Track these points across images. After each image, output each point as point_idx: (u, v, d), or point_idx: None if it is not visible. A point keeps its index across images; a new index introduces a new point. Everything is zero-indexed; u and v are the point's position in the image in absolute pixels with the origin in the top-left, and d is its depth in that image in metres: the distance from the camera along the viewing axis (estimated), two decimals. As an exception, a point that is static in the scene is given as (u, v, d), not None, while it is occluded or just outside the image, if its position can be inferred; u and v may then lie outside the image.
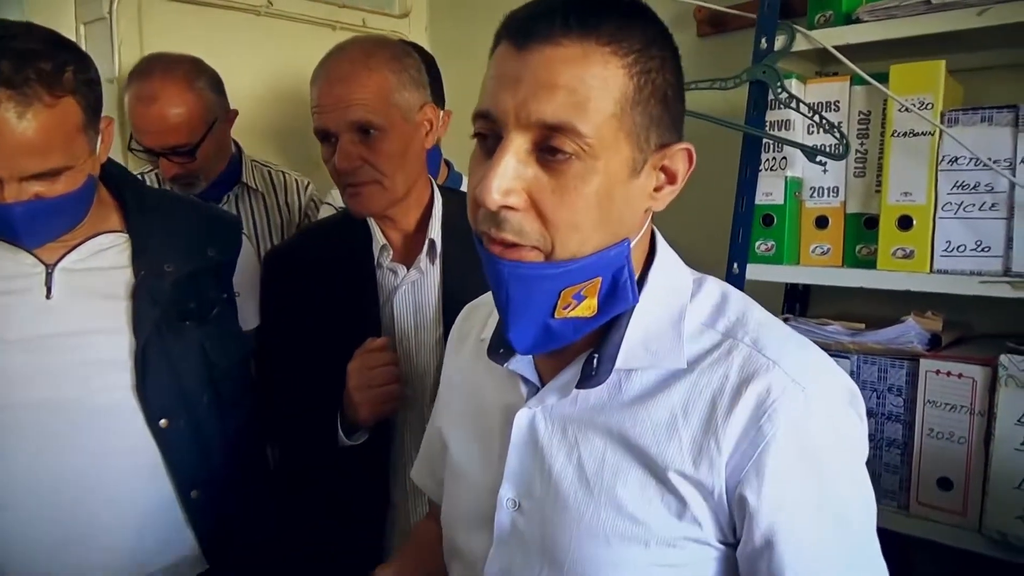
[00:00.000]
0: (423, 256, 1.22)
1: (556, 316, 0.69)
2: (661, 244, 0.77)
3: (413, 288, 1.22)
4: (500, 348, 0.78)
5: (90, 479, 1.05)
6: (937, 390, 1.18)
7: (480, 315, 0.90)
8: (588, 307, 0.69)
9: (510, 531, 0.76)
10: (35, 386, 1.04)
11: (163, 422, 1.09)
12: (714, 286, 0.77)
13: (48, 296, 1.07)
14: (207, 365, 1.15)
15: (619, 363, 0.72)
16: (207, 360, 1.15)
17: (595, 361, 0.71)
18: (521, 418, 0.76)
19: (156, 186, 1.65)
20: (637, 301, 0.71)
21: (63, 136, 0.96)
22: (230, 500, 1.18)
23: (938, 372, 1.17)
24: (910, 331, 1.22)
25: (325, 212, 1.65)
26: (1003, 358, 1.10)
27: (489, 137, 0.67)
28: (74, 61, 0.97)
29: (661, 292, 0.74)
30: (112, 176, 1.14)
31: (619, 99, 0.64)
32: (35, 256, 1.07)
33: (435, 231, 1.22)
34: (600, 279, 0.68)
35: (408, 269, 1.22)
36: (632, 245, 0.70)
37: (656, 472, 0.69)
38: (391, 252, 1.23)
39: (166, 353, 1.10)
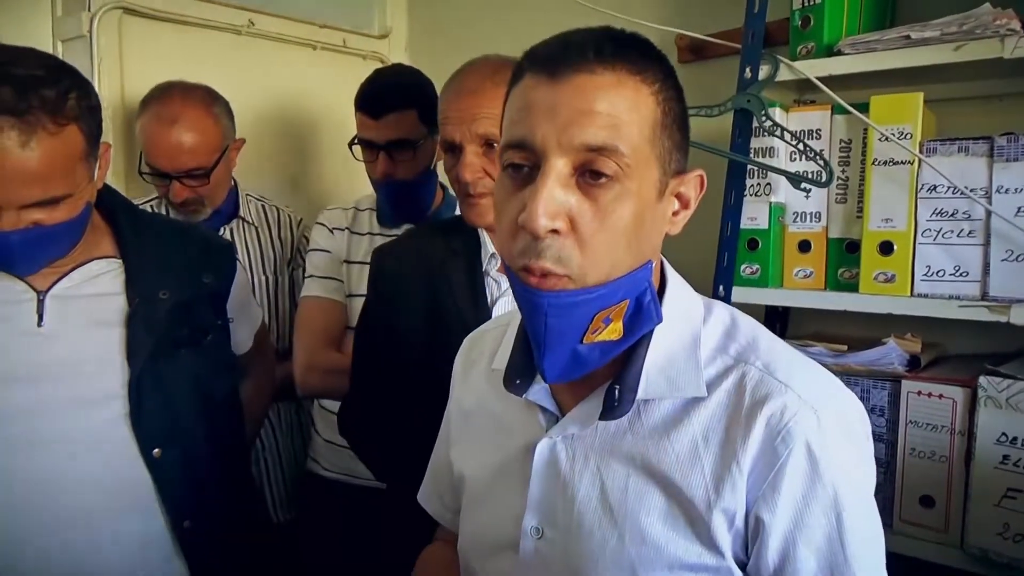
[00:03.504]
0: None
1: (584, 341, 0.70)
2: (670, 270, 0.79)
3: (514, 301, 1.21)
4: (517, 379, 0.78)
5: (84, 510, 1.03)
6: (919, 410, 1.21)
7: (487, 343, 0.91)
8: (614, 330, 0.70)
9: (534, 558, 0.77)
10: (27, 417, 1.02)
11: (156, 452, 1.08)
12: (723, 311, 0.79)
13: (39, 324, 1.05)
14: (201, 393, 1.14)
15: (640, 393, 0.72)
16: (201, 388, 1.14)
17: (616, 392, 0.72)
18: (542, 448, 0.77)
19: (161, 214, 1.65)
20: (661, 320, 0.73)
21: (65, 164, 0.95)
22: (220, 529, 1.16)
23: (919, 393, 1.21)
24: (891, 353, 1.26)
25: (318, 232, 1.64)
26: (982, 380, 1.14)
27: (524, 167, 0.68)
28: (76, 87, 0.96)
29: (675, 318, 0.75)
30: (105, 201, 1.13)
31: (651, 123, 0.68)
32: (26, 282, 1.05)
33: None
34: (627, 301, 0.70)
35: None
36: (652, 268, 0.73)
37: (681, 501, 0.71)
38: (499, 261, 1.21)
39: (160, 382, 1.09)
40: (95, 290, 1.09)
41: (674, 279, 0.79)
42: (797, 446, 0.68)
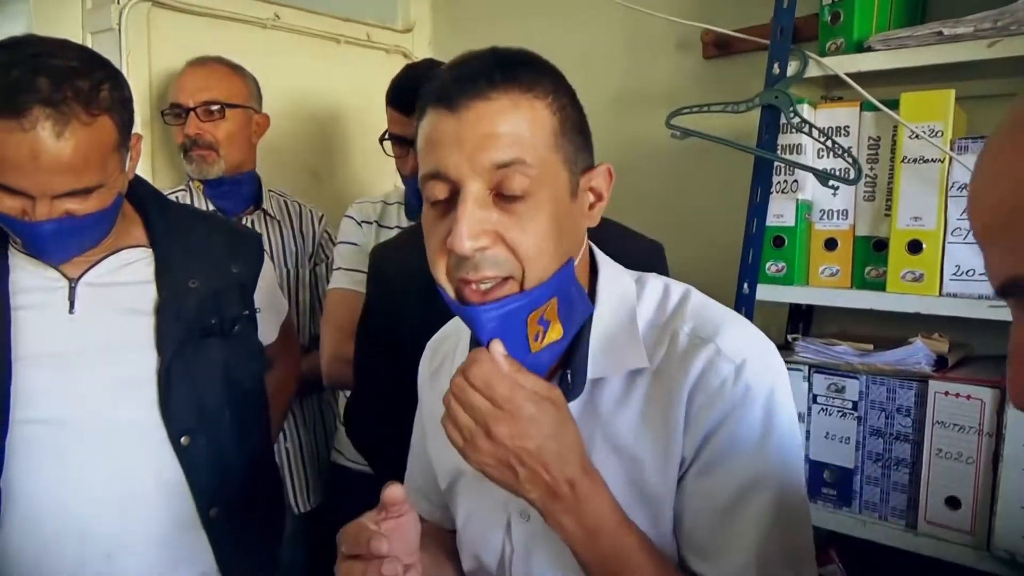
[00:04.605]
0: None
1: (533, 350, 0.75)
2: (601, 257, 0.85)
3: None
4: None
5: (112, 495, 1.05)
6: (946, 411, 1.20)
7: (449, 348, 0.95)
8: (556, 331, 0.76)
9: (526, 538, 0.83)
10: (57, 402, 1.04)
11: (184, 439, 1.09)
12: (656, 283, 0.84)
13: (71, 311, 1.06)
14: (228, 383, 1.15)
15: (590, 373, 0.79)
16: (228, 377, 1.15)
17: (568, 376, 0.79)
18: None
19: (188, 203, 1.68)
20: (593, 308, 0.80)
21: (98, 155, 0.96)
22: (246, 517, 1.17)
23: (947, 393, 1.20)
24: (918, 352, 1.25)
25: (347, 225, 1.65)
26: (1012, 380, 1.13)
27: (445, 200, 0.73)
28: (109, 79, 0.97)
29: (610, 301, 0.81)
30: (136, 191, 1.14)
31: (550, 133, 0.74)
32: (58, 270, 1.07)
33: None
34: (556, 299, 0.75)
35: None
36: (576, 263, 0.78)
37: (637, 467, 0.77)
38: None
39: (189, 370, 1.10)
40: (126, 279, 1.10)
41: (605, 265, 0.84)
42: (718, 395, 0.74)
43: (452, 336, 0.96)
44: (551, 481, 0.72)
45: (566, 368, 0.79)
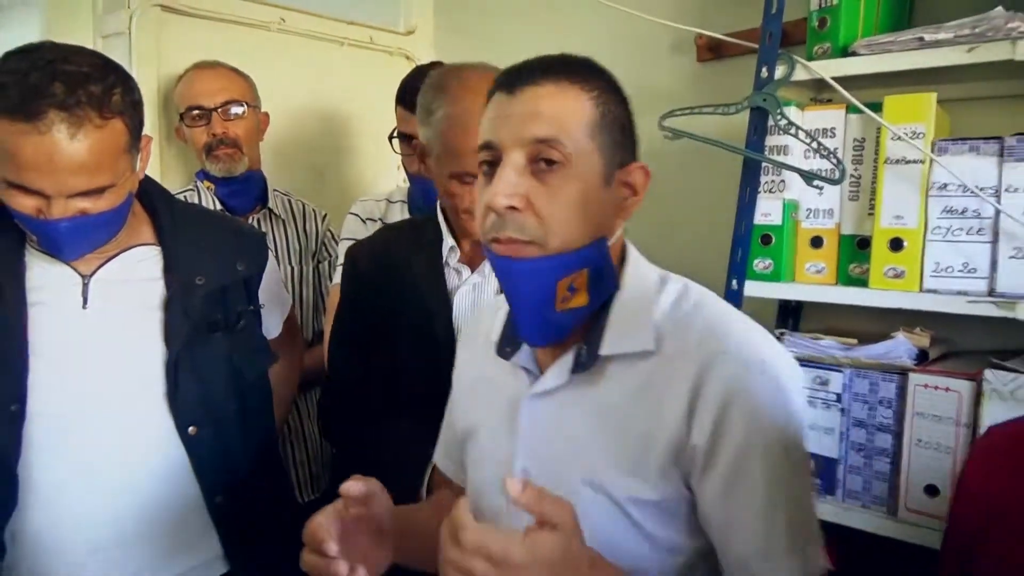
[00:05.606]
0: (487, 263, 1.27)
1: (558, 309, 0.84)
2: (631, 251, 0.93)
3: (473, 290, 1.28)
4: (507, 347, 0.94)
5: (122, 484, 1.10)
6: (925, 403, 1.24)
7: (485, 318, 1.04)
8: (582, 298, 0.85)
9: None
10: (71, 394, 1.09)
11: (192, 430, 1.14)
12: (676, 283, 0.91)
13: (84, 306, 1.11)
14: (234, 375, 1.20)
15: (602, 350, 0.86)
16: (234, 371, 1.19)
17: (583, 350, 0.87)
18: (526, 402, 0.91)
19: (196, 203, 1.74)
20: (618, 287, 0.88)
21: (110, 156, 1.00)
22: (251, 505, 1.22)
23: (926, 386, 1.24)
24: (900, 347, 1.29)
25: (351, 221, 1.70)
26: (987, 373, 1.17)
27: (492, 164, 0.85)
28: (121, 83, 1.02)
29: (632, 287, 0.89)
30: (146, 190, 1.19)
31: (589, 122, 0.84)
32: (72, 267, 1.12)
33: None
34: (587, 271, 0.84)
35: (472, 272, 1.28)
36: (609, 245, 0.87)
37: (632, 430, 0.84)
38: (458, 253, 1.29)
39: (195, 364, 1.15)
40: (136, 275, 1.15)
41: (633, 256, 0.92)
42: (726, 382, 0.80)
43: (487, 312, 1.04)
44: None
45: (583, 342, 0.87)
